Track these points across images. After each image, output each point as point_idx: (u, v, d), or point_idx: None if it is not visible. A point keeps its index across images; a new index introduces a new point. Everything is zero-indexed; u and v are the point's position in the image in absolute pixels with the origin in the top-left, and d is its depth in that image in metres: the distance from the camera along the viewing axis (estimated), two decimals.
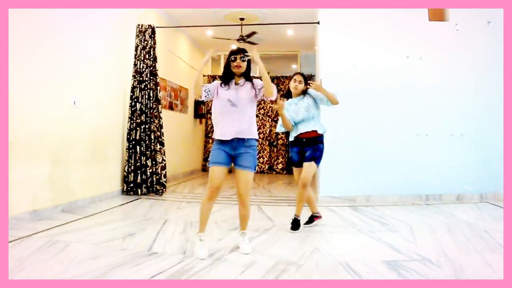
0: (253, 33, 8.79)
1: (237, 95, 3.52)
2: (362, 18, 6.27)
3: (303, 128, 4.34)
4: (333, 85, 6.18)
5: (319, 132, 4.33)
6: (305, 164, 4.27)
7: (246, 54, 3.59)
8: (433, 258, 3.30)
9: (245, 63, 3.58)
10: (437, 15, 5.01)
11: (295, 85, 4.42)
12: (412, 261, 3.25)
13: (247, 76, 3.63)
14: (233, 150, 3.50)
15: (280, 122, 4.43)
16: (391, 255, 3.44)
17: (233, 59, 3.56)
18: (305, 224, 4.49)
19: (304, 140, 4.34)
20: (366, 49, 6.28)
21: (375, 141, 6.17)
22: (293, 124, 4.39)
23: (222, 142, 3.51)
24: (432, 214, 5.16)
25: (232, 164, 3.58)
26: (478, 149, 6.18)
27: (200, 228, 3.52)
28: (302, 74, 4.47)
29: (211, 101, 3.66)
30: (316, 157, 4.28)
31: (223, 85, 3.60)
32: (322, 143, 4.37)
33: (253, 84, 3.59)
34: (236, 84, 3.59)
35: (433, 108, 6.20)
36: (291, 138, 4.48)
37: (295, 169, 4.51)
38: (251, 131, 3.53)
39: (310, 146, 4.31)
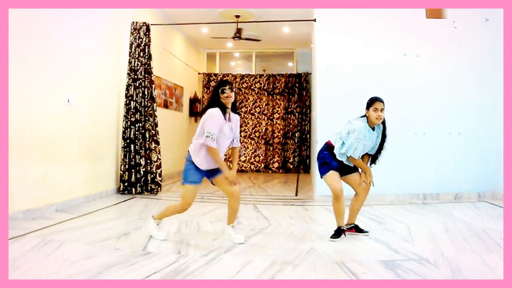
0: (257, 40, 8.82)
1: (232, 131, 3.76)
2: (358, 15, 6.24)
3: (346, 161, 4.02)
4: (329, 83, 6.22)
5: None
6: (356, 174, 4.08)
7: (231, 85, 3.74)
8: (431, 258, 3.28)
9: (233, 93, 3.69)
10: (435, 13, 4.98)
11: (378, 115, 3.80)
12: (409, 260, 3.23)
13: (234, 106, 3.80)
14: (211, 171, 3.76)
15: (358, 151, 3.91)
16: (388, 254, 3.43)
17: (222, 90, 3.63)
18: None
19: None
20: (363, 47, 6.26)
21: None
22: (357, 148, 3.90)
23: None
24: (430, 213, 5.15)
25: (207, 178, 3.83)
26: (475, 148, 6.17)
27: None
28: (382, 101, 3.82)
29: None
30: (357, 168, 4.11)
31: (223, 117, 3.67)
32: None
33: (235, 124, 3.83)
34: (228, 116, 3.73)
35: (431, 106, 6.18)
36: (340, 158, 3.98)
37: (333, 173, 3.97)
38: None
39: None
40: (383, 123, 3.94)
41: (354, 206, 4.16)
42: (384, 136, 3.97)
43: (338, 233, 3.95)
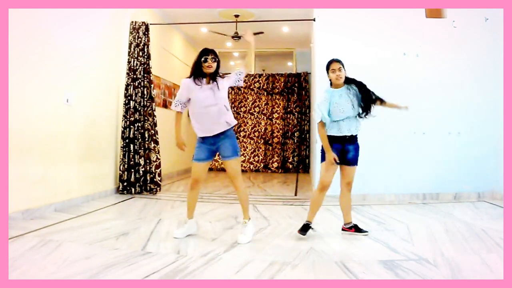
0: (259, 33, 8.76)
1: (215, 96, 3.76)
2: (358, 15, 6.22)
3: (346, 130, 3.90)
4: (328, 82, 6.17)
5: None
6: (351, 168, 3.99)
7: (216, 54, 3.82)
8: (430, 258, 3.27)
9: (216, 63, 3.78)
10: (434, 13, 4.98)
11: (337, 75, 3.86)
12: (409, 260, 3.22)
13: (215, 76, 3.82)
14: (214, 144, 3.86)
15: (318, 112, 3.91)
16: (388, 254, 3.42)
17: (204, 59, 3.73)
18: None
19: (347, 137, 3.93)
20: (362, 46, 6.24)
21: (371, 139, 6.12)
22: (333, 121, 3.90)
23: (203, 139, 3.88)
24: (429, 213, 5.14)
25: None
26: (475, 147, 6.15)
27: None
28: (338, 60, 3.91)
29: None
30: (357, 159, 4.01)
31: (197, 83, 3.77)
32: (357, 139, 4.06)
33: (226, 79, 3.89)
34: (208, 83, 3.79)
35: (430, 106, 6.17)
36: (334, 133, 3.92)
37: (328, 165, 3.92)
38: (229, 122, 3.84)
39: (352, 144, 3.96)
40: (357, 82, 3.99)
41: (342, 203, 4.14)
42: (365, 91, 3.98)
43: (304, 228, 3.96)
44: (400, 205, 5.72)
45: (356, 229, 4.10)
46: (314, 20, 6.47)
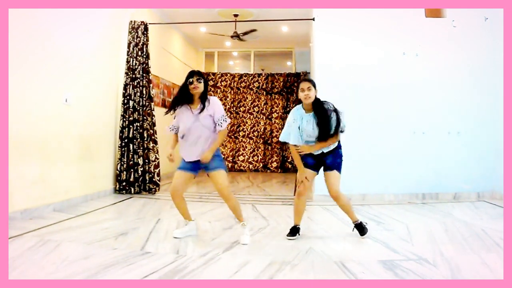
0: (253, 30, 8.75)
1: (199, 122, 3.76)
2: (357, 14, 6.22)
3: (317, 150, 3.83)
4: (328, 82, 6.19)
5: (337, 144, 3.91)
6: (329, 174, 3.84)
7: (202, 75, 3.84)
8: (430, 258, 3.27)
9: (202, 84, 3.79)
10: (434, 12, 4.97)
11: (305, 95, 3.71)
12: (408, 260, 3.21)
13: (204, 97, 3.82)
14: (197, 163, 3.85)
15: (288, 136, 3.88)
16: (387, 254, 3.41)
17: (190, 82, 3.78)
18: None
19: (319, 155, 3.88)
20: (361, 46, 6.25)
21: (370, 139, 6.14)
22: (304, 141, 3.85)
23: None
24: (429, 213, 5.14)
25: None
26: (475, 147, 6.16)
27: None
28: (309, 80, 3.78)
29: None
30: (338, 164, 3.86)
31: (185, 107, 3.84)
32: (340, 148, 3.94)
33: (209, 108, 3.80)
34: (193, 109, 3.81)
35: (430, 105, 6.17)
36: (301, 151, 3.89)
37: (306, 171, 3.90)
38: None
39: (329, 154, 3.87)
40: (320, 111, 3.74)
41: (341, 208, 4.07)
42: (324, 118, 3.71)
43: (293, 231, 3.97)
44: (400, 205, 5.72)
45: (358, 228, 4.05)
46: (313, 19, 6.46)
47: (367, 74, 6.18)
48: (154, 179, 6.54)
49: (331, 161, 3.86)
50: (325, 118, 3.72)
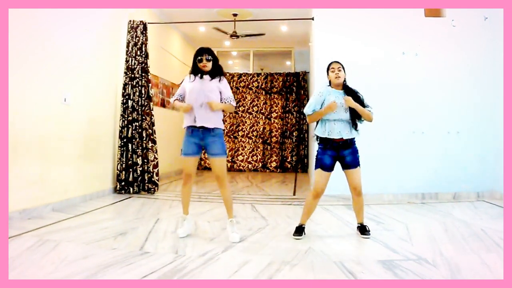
0: (261, 34, 8.78)
1: (207, 89, 3.82)
2: (357, 14, 6.21)
3: (337, 133, 3.84)
4: (327, 82, 6.15)
5: (355, 137, 3.96)
6: (353, 171, 3.90)
7: (211, 53, 3.88)
8: (429, 258, 3.27)
9: (211, 62, 3.85)
10: (433, 12, 4.98)
11: (336, 74, 3.91)
12: (408, 260, 3.21)
13: (213, 74, 3.91)
14: (202, 140, 3.88)
15: (311, 106, 3.93)
16: (387, 254, 3.41)
17: (199, 59, 3.84)
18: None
19: (340, 143, 3.88)
20: (361, 45, 6.23)
21: (370, 138, 6.11)
22: (324, 120, 3.89)
23: (191, 132, 3.88)
24: (428, 213, 5.14)
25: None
26: (474, 147, 6.15)
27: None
28: (339, 62, 3.99)
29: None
30: (358, 160, 3.92)
31: (191, 77, 3.91)
32: (355, 143, 3.99)
33: (219, 85, 3.91)
34: (201, 78, 3.87)
35: (429, 105, 6.16)
36: (320, 134, 3.92)
37: (321, 172, 3.92)
38: (216, 122, 3.87)
39: (347, 149, 3.89)
40: (354, 92, 4.00)
41: (354, 207, 4.16)
42: (355, 93, 4.01)
43: (299, 231, 3.97)
44: (399, 205, 5.71)
45: (361, 230, 4.06)
46: (312, 19, 6.46)
47: (366, 74, 6.17)
48: (153, 179, 6.54)
49: (351, 159, 3.91)
50: (356, 93, 3.98)
